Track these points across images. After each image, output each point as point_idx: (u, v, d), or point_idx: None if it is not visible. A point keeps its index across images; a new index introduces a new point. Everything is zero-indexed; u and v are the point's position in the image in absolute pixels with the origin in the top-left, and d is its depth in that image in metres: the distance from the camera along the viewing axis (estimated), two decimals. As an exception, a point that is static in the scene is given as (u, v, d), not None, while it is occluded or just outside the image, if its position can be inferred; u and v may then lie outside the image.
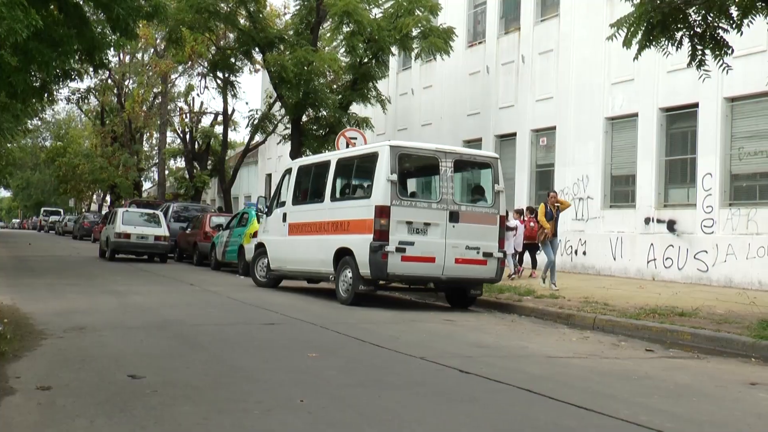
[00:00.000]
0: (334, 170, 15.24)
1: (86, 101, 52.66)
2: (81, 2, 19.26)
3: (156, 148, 53.97)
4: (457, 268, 13.73)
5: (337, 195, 15.30)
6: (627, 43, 11.41)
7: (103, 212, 59.74)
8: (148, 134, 55.99)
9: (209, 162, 46.12)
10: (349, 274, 13.93)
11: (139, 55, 50.74)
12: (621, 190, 21.89)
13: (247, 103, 73.62)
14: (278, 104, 30.97)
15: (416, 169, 15.39)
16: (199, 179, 44.09)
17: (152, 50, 47.99)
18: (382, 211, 13.32)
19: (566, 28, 23.76)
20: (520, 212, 20.84)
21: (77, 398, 5.80)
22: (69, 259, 27.42)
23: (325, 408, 5.80)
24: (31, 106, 27.24)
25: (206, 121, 49.21)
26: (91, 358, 7.44)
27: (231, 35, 32.56)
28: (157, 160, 52.90)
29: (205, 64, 37.48)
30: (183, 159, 49.83)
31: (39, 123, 58.61)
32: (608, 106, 21.97)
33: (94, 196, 77.43)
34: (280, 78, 24.75)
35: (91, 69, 23.65)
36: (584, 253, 22.12)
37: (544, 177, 24.61)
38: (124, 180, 49.92)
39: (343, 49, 25.70)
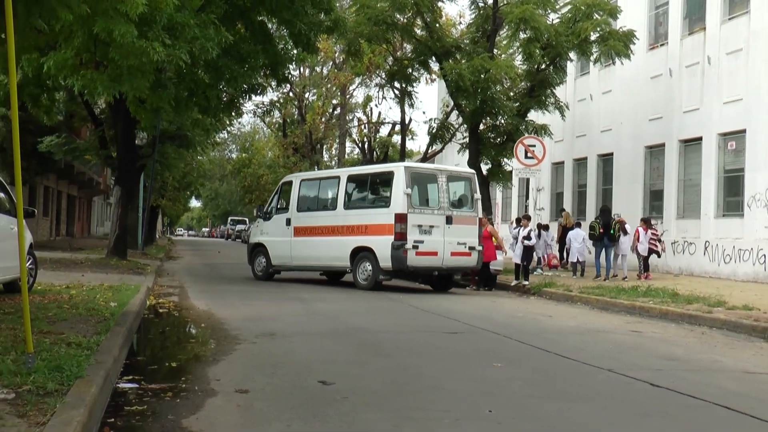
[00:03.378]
0: (345, 184, 18.97)
1: (269, 114, 54.74)
2: (265, 19, 20.15)
3: (335, 158, 55.44)
4: (452, 259, 17.89)
5: (350, 204, 18.85)
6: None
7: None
8: (327, 145, 57.59)
9: (388, 172, 46.78)
10: (369, 267, 17.76)
11: (318, 68, 52.29)
12: (820, 196, 20.50)
13: (423, 113, 74.45)
14: (455, 113, 31.04)
15: (420, 183, 18.44)
16: (378, 189, 44.78)
17: (331, 63, 49.34)
18: (402, 218, 17.23)
19: (757, 25, 22.51)
20: (647, 221, 21.74)
21: (272, 402, 6.05)
22: (255, 266, 28.48)
23: (514, 419, 5.76)
24: (221, 120, 28.69)
25: (384, 130, 50.16)
26: (283, 364, 7.72)
27: (408, 46, 32.93)
28: (336, 170, 54.13)
29: (383, 74, 38.14)
30: (362, 169, 50.79)
31: (226, 136, 61.49)
32: (805, 107, 20.64)
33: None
34: (457, 86, 24.74)
35: (274, 83, 24.72)
36: (779, 262, 20.88)
37: (732, 182, 23.41)
38: (305, 190, 51.37)
39: (519, 56, 25.45)
